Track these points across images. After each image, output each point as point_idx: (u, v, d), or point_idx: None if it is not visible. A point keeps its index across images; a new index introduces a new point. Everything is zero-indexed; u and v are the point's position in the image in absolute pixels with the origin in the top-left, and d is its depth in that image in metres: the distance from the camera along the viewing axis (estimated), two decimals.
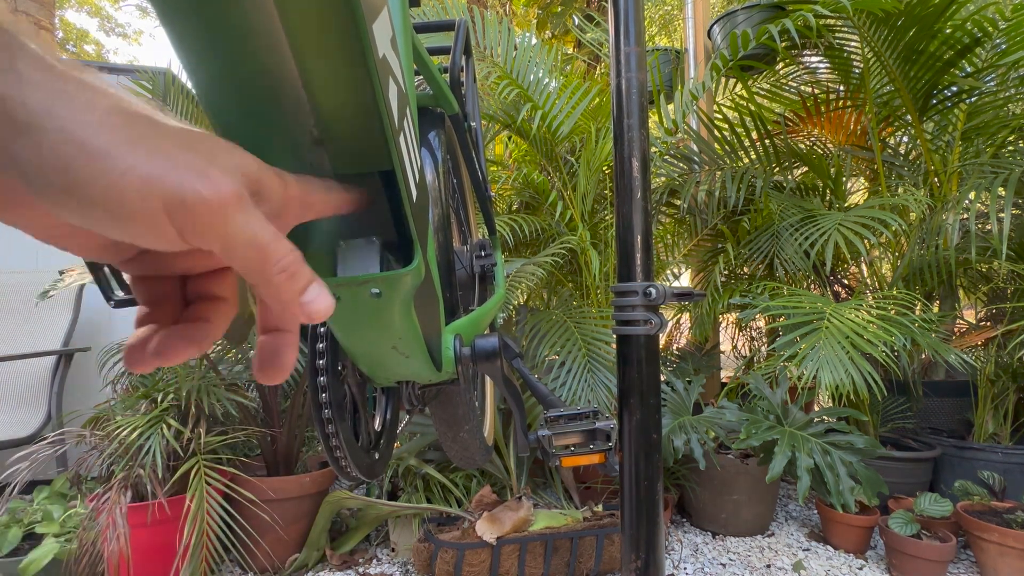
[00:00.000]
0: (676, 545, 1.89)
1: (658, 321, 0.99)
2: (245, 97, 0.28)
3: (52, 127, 0.17)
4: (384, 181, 0.34)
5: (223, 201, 0.19)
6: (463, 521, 1.66)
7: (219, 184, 0.19)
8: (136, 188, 0.18)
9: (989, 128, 2.23)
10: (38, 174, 0.17)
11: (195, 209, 0.19)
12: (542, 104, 2.09)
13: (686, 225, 2.66)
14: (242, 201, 0.20)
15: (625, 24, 1.05)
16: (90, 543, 1.41)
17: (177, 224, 0.19)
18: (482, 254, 0.85)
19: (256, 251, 0.21)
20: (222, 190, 0.19)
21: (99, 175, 0.17)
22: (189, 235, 0.19)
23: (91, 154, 0.17)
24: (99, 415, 1.65)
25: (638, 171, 1.04)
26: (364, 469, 0.53)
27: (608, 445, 0.61)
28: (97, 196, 0.18)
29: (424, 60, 0.65)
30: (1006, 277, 2.32)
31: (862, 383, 1.51)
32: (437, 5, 2.22)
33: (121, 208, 0.18)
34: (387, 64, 0.28)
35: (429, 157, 0.64)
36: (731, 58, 2.01)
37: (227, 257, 0.21)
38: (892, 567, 1.69)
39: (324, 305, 0.23)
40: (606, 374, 1.76)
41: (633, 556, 1.01)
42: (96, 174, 0.17)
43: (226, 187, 0.20)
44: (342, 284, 0.33)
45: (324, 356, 0.48)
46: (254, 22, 0.25)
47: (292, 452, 1.83)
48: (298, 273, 0.22)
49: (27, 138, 0.17)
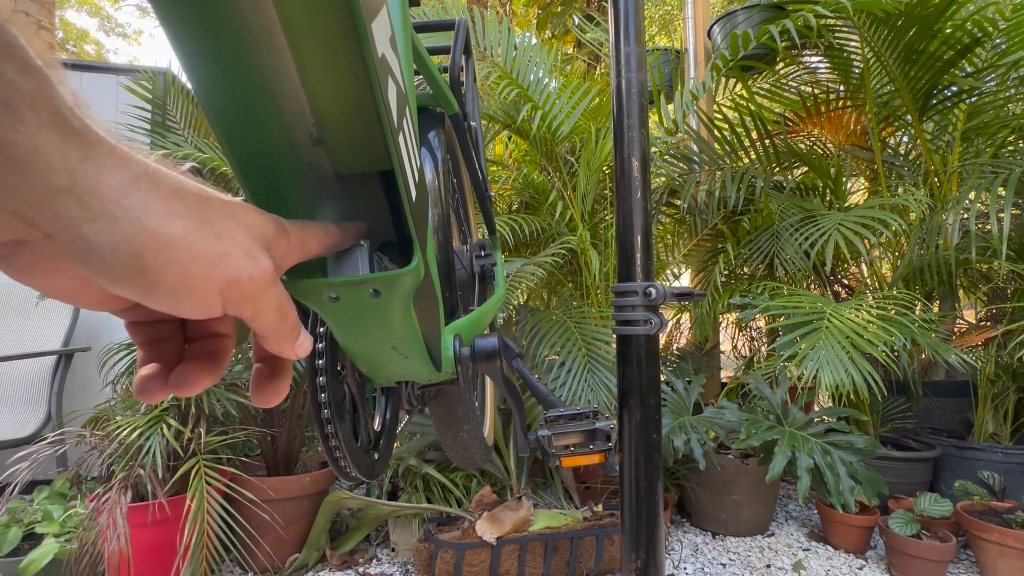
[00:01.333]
0: (676, 545, 1.88)
1: (658, 321, 0.99)
2: (245, 97, 0.28)
3: (123, 216, 0.18)
4: (383, 181, 0.34)
5: (266, 279, 0.22)
6: (463, 521, 1.66)
7: (263, 264, 0.22)
8: (202, 273, 0.20)
9: (989, 128, 2.23)
10: (111, 258, 0.18)
11: (245, 288, 0.21)
12: (542, 104, 2.09)
13: (686, 225, 2.66)
14: (275, 276, 0.23)
15: (625, 24, 1.05)
16: (90, 543, 1.41)
17: (226, 299, 0.21)
18: (482, 254, 0.85)
19: (278, 316, 0.24)
20: (266, 269, 0.22)
21: (170, 261, 0.19)
22: (232, 308, 0.22)
23: (164, 243, 0.19)
24: (99, 415, 1.65)
25: (638, 171, 1.04)
26: (364, 469, 0.53)
27: (608, 445, 0.61)
28: (166, 280, 0.19)
29: (424, 60, 0.65)
30: (1006, 277, 2.32)
31: (862, 383, 1.51)
32: (437, 5, 2.22)
33: (186, 289, 0.20)
34: (386, 63, 0.28)
35: (429, 157, 0.64)
36: (731, 58, 2.01)
37: (252, 321, 0.23)
38: (892, 567, 1.68)
39: (309, 346, 0.27)
40: (606, 374, 1.76)
41: (633, 556, 1.01)
42: (167, 260, 0.19)
43: (268, 265, 0.22)
44: (341, 284, 0.33)
45: (323, 356, 0.48)
46: (253, 22, 0.25)
47: (292, 452, 1.83)
48: (298, 325, 0.26)
49: (99, 225, 0.18)
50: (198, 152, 2.02)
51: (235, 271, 0.21)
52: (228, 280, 0.21)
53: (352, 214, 0.35)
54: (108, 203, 0.18)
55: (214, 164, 1.91)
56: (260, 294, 0.22)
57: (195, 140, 2.18)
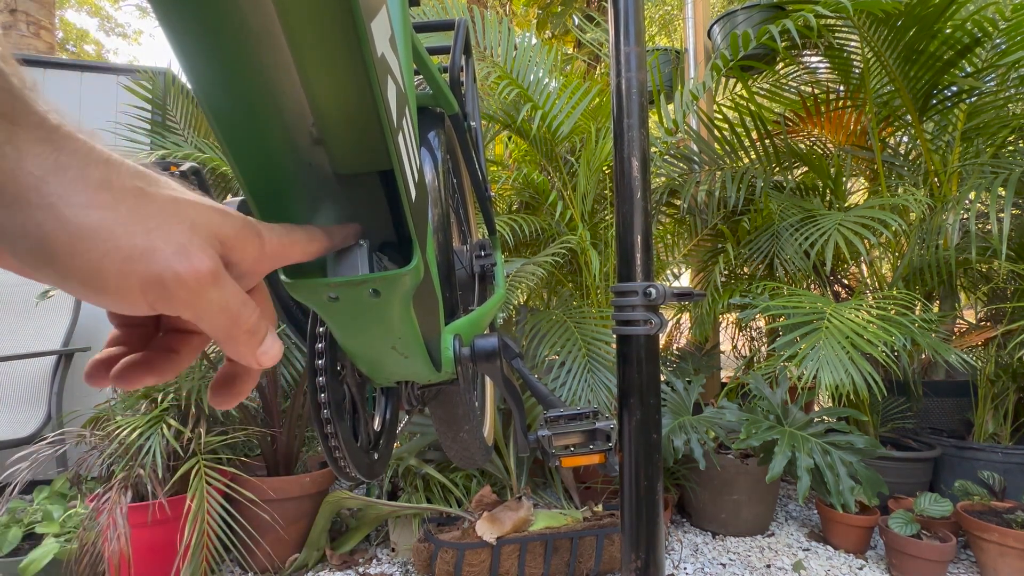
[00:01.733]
0: (676, 545, 1.88)
1: (658, 321, 0.99)
2: (244, 97, 0.28)
3: (38, 203, 0.18)
4: (383, 181, 0.34)
5: (199, 279, 0.20)
6: (463, 521, 1.66)
7: (196, 262, 0.20)
8: (116, 269, 0.19)
9: (989, 128, 2.23)
10: (20, 244, 0.18)
11: (171, 288, 0.20)
12: (542, 104, 2.09)
13: (686, 225, 2.65)
14: (216, 276, 0.21)
15: (625, 24, 1.05)
16: (91, 543, 1.41)
17: (150, 299, 0.20)
18: (482, 254, 0.85)
19: (226, 319, 0.22)
20: (199, 268, 0.20)
21: (80, 253, 0.18)
22: (162, 308, 0.20)
23: (74, 234, 0.18)
24: (99, 415, 1.65)
25: (638, 171, 1.04)
26: (363, 469, 0.53)
27: (608, 445, 0.61)
28: (75, 272, 0.18)
29: (424, 60, 0.65)
30: (1006, 277, 2.32)
31: (862, 383, 1.51)
32: (437, 5, 2.22)
33: (98, 285, 0.19)
34: (386, 63, 0.28)
35: (429, 157, 0.64)
36: (731, 58, 2.01)
37: (197, 323, 0.22)
38: (892, 567, 1.68)
39: (275, 354, 0.25)
40: (606, 374, 1.76)
41: (633, 556, 1.01)
42: (76, 252, 0.18)
43: (203, 264, 0.20)
44: (341, 284, 0.33)
45: (323, 356, 0.48)
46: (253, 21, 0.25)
47: (292, 452, 1.83)
48: (259, 331, 0.24)
49: (12, 210, 0.17)
50: (198, 152, 2.02)
51: (158, 269, 0.19)
52: (149, 278, 0.19)
53: (352, 214, 0.35)
54: (24, 188, 0.17)
55: (214, 164, 1.91)
56: (193, 295, 0.20)
57: (195, 140, 2.18)
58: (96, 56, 11.19)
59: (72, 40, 10.66)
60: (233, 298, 0.22)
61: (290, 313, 0.52)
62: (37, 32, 3.97)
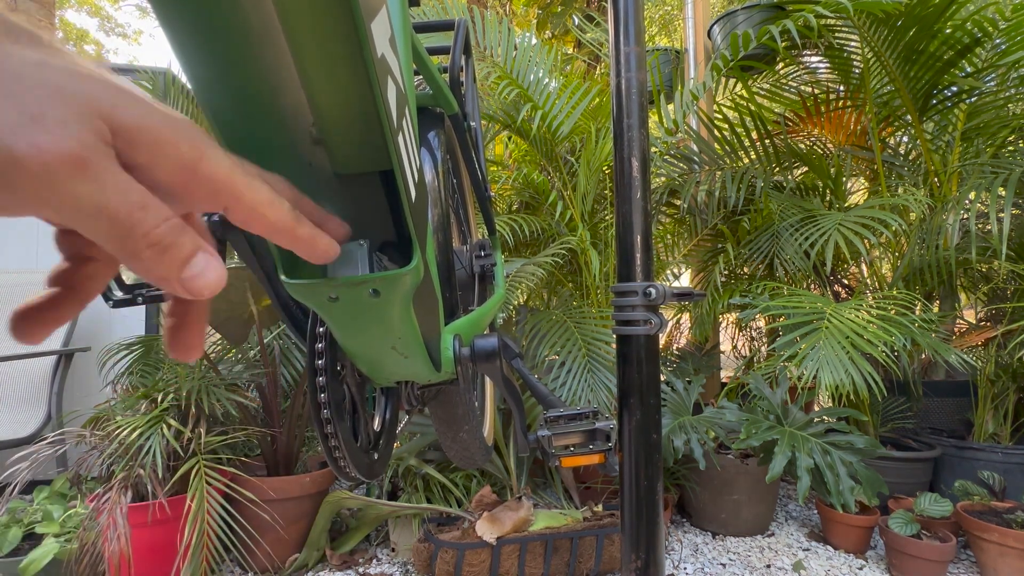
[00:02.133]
0: (676, 545, 1.88)
1: (658, 321, 0.99)
2: (244, 97, 0.28)
3: None
4: (383, 181, 0.34)
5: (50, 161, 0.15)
6: (463, 521, 1.66)
7: (49, 139, 0.15)
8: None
9: (989, 128, 2.23)
10: None
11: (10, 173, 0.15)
12: (542, 104, 2.09)
13: (686, 225, 2.65)
14: (82, 161, 0.16)
15: (625, 24, 1.05)
16: (91, 543, 1.41)
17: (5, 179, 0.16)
18: (482, 254, 0.85)
19: (108, 223, 0.17)
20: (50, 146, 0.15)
21: None
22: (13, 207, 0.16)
23: None
24: (99, 415, 1.65)
25: (638, 171, 1.04)
26: (363, 469, 0.53)
27: (608, 445, 0.61)
28: None
29: (423, 60, 0.65)
30: (1006, 277, 2.32)
31: (862, 383, 1.51)
32: (437, 5, 2.22)
33: None
34: (386, 64, 0.28)
35: (428, 157, 0.64)
36: (732, 58, 2.01)
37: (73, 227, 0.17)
38: (892, 567, 1.68)
39: (210, 280, 0.19)
40: (606, 374, 1.76)
41: (633, 556, 1.01)
42: None
43: (60, 144, 0.16)
44: (341, 284, 0.33)
45: (323, 356, 0.48)
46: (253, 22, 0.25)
47: (292, 452, 1.83)
48: (173, 245, 0.18)
49: None
50: None
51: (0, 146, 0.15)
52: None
53: (352, 214, 0.35)
54: None
55: None
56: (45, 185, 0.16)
57: None
58: (96, 56, 11.19)
59: (72, 40, 10.66)
60: (117, 195, 0.17)
61: (290, 313, 0.52)
62: None
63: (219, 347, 2.04)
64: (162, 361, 1.85)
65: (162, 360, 1.86)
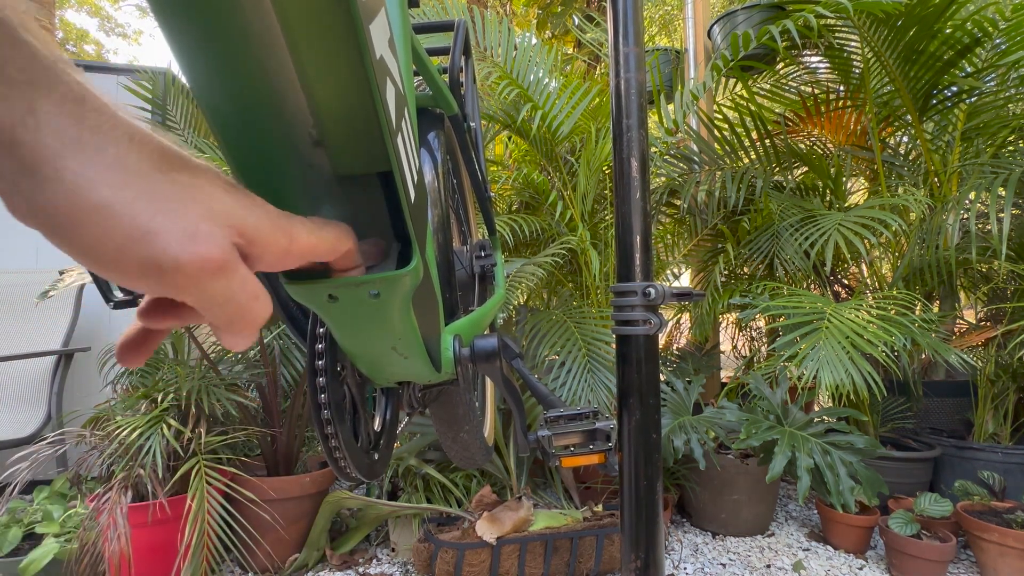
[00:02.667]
0: (676, 545, 1.89)
1: (657, 321, 0.99)
2: (244, 98, 0.28)
3: (52, 176, 0.18)
4: (383, 182, 0.34)
5: (201, 267, 0.20)
6: (463, 521, 1.66)
7: (200, 249, 0.20)
8: (114, 248, 0.19)
9: (989, 128, 2.23)
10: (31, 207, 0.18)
11: (169, 273, 0.20)
12: (542, 104, 2.09)
13: (686, 225, 2.66)
14: (222, 266, 0.21)
15: (624, 24, 1.05)
16: (91, 543, 1.41)
17: (150, 282, 0.20)
18: (482, 254, 0.85)
19: (230, 313, 0.22)
20: (202, 255, 0.20)
21: (83, 230, 0.18)
22: (164, 292, 0.20)
23: (80, 210, 0.18)
24: (99, 415, 1.65)
25: (637, 171, 1.04)
26: (363, 470, 0.53)
27: (608, 445, 0.61)
28: (79, 246, 0.19)
29: (423, 61, 0.65)
30: (1006, 277, 2.32)
31: (862, 383, 1.51)
32: (437, 5, 2.22)
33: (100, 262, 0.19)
34: (385, 65, 0.28)
35: (428, 158, 0.64)
36: (732, 58, 2.01)
37: (200, 311, 0.22)
38: (892, 567, 1.69)
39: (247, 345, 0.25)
40: (606, 374, 1.76)
41: (633, 556, 1.01)
42: (81, 228, 0.18)
43: (207, 252, 0.20)
44: (340, 285, 0.33)
45: (323, 357, 0.48)
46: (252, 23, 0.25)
47: (292, 452, 1.84)
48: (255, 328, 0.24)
49: (29, 178, 0.18)
50: (198, 152, 2.01)
51: (154, 252, 0.19)
52: (146, 260, 0.19)
53: (352, 215, 0.35)
54: (40, 160, 0.18)
55: (214, 164, 1.91)
56: (193, 283, 0.20)
57: (195, 140, 2.19)
58: (96, 56, 11.19)
59: (72, 40, 10.66)
60: (242, 292, 0.22)
61: (290, 313, 0.52)
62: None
63: (219, 347, 2.04)
64: (162, 361, 1.85)
65: (162, 360, 1.86)
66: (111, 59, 12.03)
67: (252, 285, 0.22)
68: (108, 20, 11.48)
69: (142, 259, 0.19)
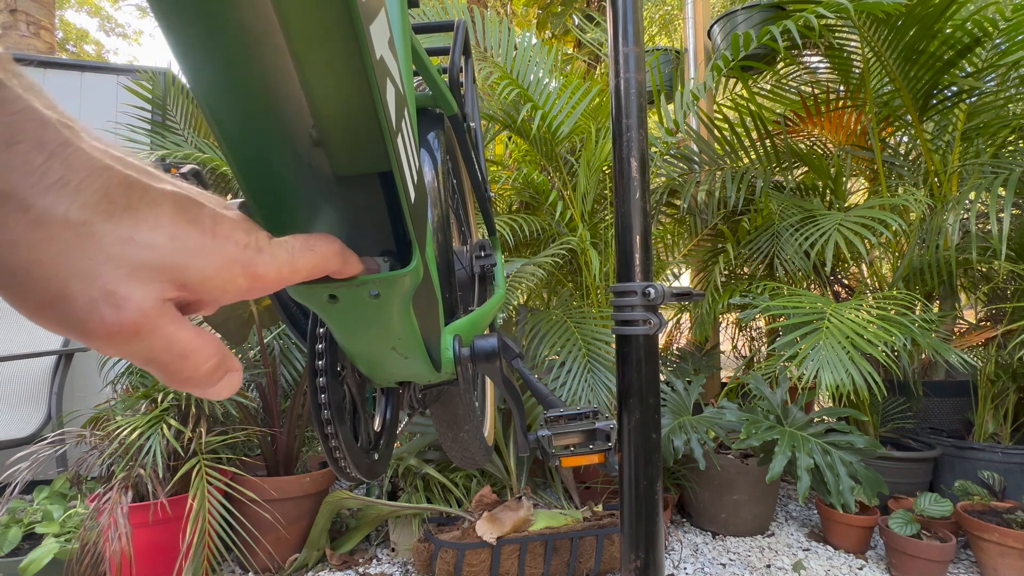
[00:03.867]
0: (676, 545, 1.89)
1: (657, 321, 0.99)
2: (244, 98, 0.28)
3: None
4: (383, 182, 0.34)
5: (114, 332, 0.19)
6: (463, 521, 1.66)
7: (111, 314, 0.19)
8: (34, 308, 0.18)
9: (989, 128, 2.23)
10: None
11: (87, 337, 0.19)
12: (542, 104, 2.09)
13: (686, 225, 2.66)
14: (138, 329, 0.19)
15: (624, 25, 1.05)
16: (92, 543, 1.41)
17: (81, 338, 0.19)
18: (482, 254, 0.85)
19: (153, 369, 0.21)
20: (114, 320, 0.19)
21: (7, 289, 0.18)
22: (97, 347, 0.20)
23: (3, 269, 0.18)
24: (99, 415, 1.65)
25: (637, 171, 1.04)
26: (363, 470, 0.53)
27: (608, 445, 0.61)
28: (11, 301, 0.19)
29: (423, 61, 0.65)
30: (1006, 277, 2.32)
31: (862, 383, 1.51)
32: (437, 5, 2.22)
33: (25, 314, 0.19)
34: (385, 65, 0.28)
35: (428, 158, 0.64)
36: (732, 58, 2.01)
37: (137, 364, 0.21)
38: (892, 567, 1.69)
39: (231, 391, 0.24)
40: (606, 374, 1.76)
41: (633, 556, 1.01)
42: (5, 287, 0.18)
43: (120, 316, 0.19)
44: (340, 285, 0.33)
45: (323, 357, 0.48)
46: (252, 23, 0.25)
47: (292, 452, 1.84)
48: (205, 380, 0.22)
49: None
50: (198, 152, 2.02)
51: (68, 318, 0.18)
52: (63, 323, 0.19)
53: (352, 215, 0.35)
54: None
55: (214, 164, 1.91)
56: (111, 346, 0.19)
57: (195, 140, 2.19)
58: (96, 56, 11.20)
59: (72, 40, 10.66)
60: (165, 352, 0.20)
61: (290, 313, 0.53)
62: (37, 32, 3.97)
63: None
64: None
65: None
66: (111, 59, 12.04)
67: (182, 344, 0.21)
68: (108, 20, 11.48)
69: (59, 321, 0.19)
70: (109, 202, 0.19)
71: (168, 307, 0.20)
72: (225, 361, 0.23)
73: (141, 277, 0.19)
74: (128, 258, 0.19)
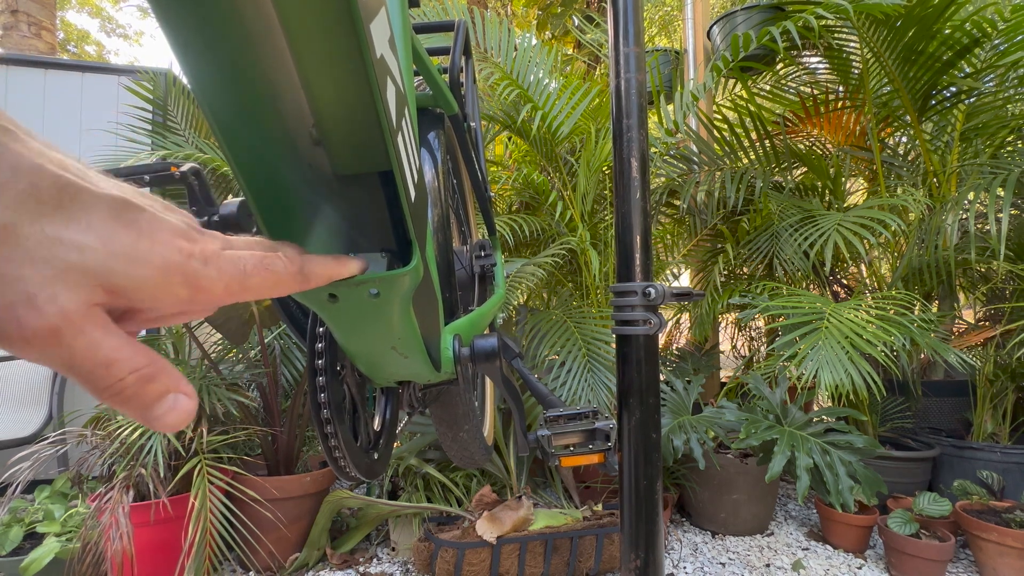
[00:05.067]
0: (676, 544, 1.89)
1: (657, 321, 0.99)
2: (245, 98, 0.28)
3: None
4: (383, 181, 0.34)
5: (29, 336, 0.18)
6: (463, 520, 1.66)
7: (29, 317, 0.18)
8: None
9: (988, 128, 2.23)
10: None
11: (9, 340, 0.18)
12: (542, 104, 2.09)
13: (686, 225, 2.66)
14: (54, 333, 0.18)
15: (624, 25, 1.05)
16: (93, 542, 1.41)
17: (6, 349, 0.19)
18: (482, 254, 0.86)
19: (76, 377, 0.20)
20: (29, 324, 0.18)
21: None
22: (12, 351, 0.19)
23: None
24: (100, 415, 1.65)
25: (637, 171, 1.04)
26: (363, 469, 0.53)
27: (607, 445, 0.61)
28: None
29: (423, 61, 0.65)
30: (1005, 277, 2.32)
31: (861, 383, 1.52)
32: (437, 5, 2.22)
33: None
34: (385, 65, 0.28)
35: (428, 158, 0.64)
36: (732, 59, 2.01)
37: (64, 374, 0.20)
38: (891, 566, 1.69)
39: (178, 418, 0.22)
40: (606, 374, 1.77)
41: (633, 555, 1.01)
42: None
43: (36, 320, 0.18)
44: (340, 284, 0.33)
45: (323, 356, 0.48)
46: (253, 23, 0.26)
47: (293, 451, 1.84)
48: (135, 396, 0.21)
49: None
50: (199, 152, 2.02)
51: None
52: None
53: (352, 214, 0.35)
54: None
55: (215, 164, 1.91)
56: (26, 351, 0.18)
57: (196, 140, 2.19)
58: (97, 57, 11.20)
59: (73, 41, 10.66)
60: (85, 359, 0.19)
61: (290, 313, 0.53)
62: (38, 33, 3.97)
63: (220, 347, 2.04)
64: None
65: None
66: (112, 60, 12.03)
67: (104, 351, 0.19)
68: (109, 21, 11.48)
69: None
70: (37, 203, 0.18)
71: (95, 312, 0.19)
72: (163, 378, 0.21)
73: (67, 280, 0.19)
74: (54, 260, 0.18)
